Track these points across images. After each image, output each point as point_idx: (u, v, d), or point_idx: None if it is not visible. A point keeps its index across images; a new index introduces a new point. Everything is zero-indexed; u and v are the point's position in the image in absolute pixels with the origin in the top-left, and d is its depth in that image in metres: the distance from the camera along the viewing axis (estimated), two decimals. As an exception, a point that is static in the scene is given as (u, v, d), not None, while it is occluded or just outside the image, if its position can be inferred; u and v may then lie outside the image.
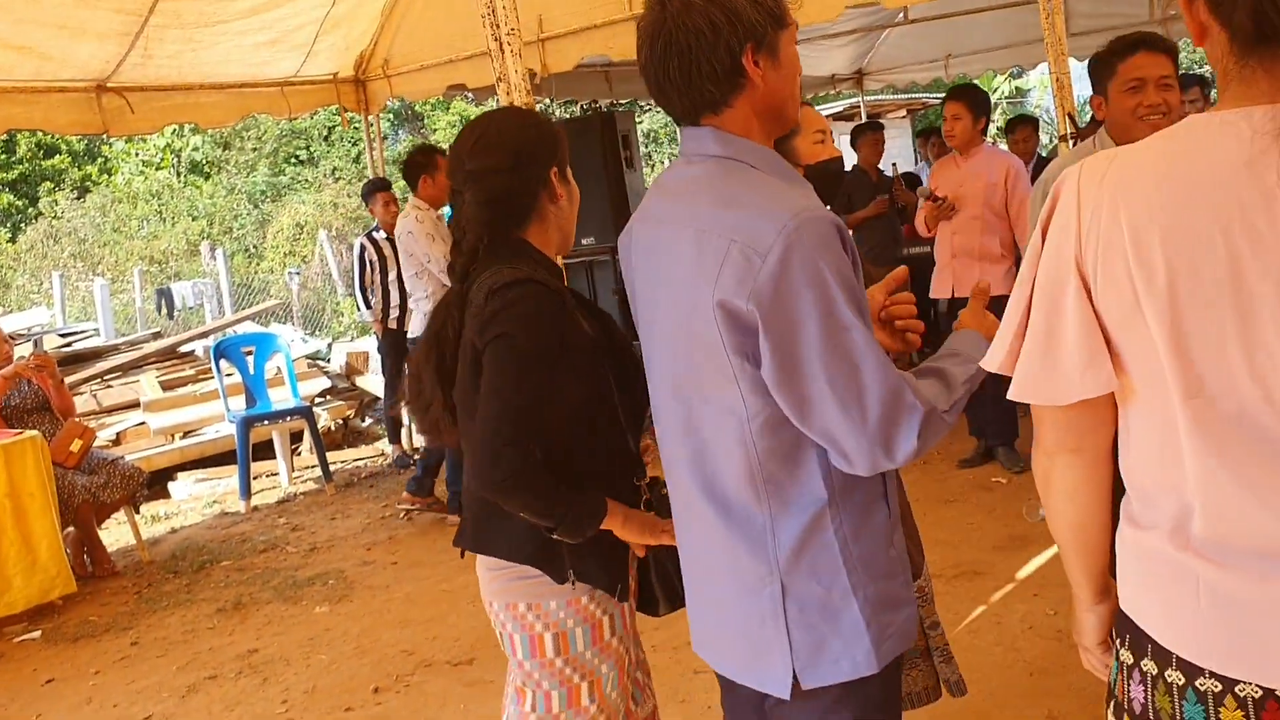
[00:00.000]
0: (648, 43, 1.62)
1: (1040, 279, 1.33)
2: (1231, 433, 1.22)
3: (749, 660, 1.72)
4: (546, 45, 6.62)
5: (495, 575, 2.10)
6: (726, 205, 1.59)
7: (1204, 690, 1.27)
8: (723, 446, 1.66)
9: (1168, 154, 1.24)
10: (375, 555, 5.79)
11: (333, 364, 9.93)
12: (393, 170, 9.27)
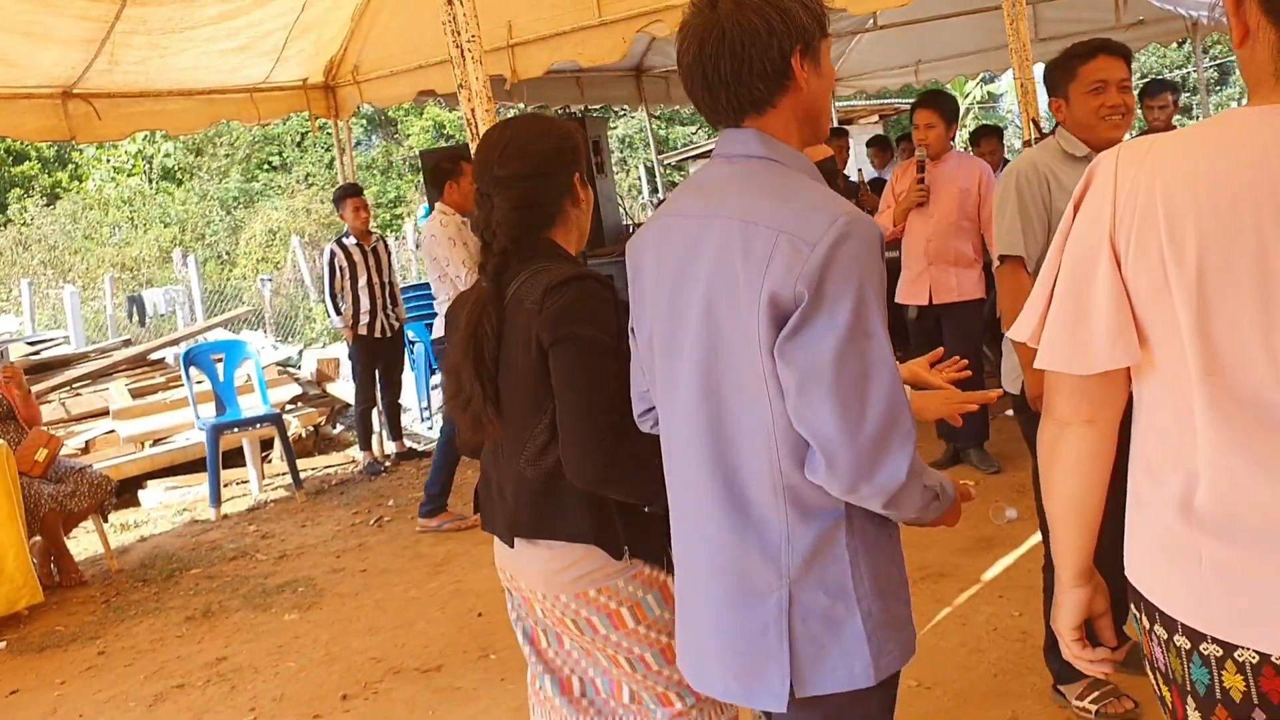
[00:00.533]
0: (697, 42, 1.65)
1: (1071, 253, 1.38)
2: (1244, 411, 1.28)
3: (740, 674, 1.70)
4: (516, 51, 6.63)
5: (558, 570, 2.12)
6: (776, 200, 1.61)
7: (1207, 655, 1.35)
8: (747, 449, 1.65)
9: (1207, 142, 1.31)
10: (345, 562, 5.77)
11: (304, 371, 9.89)
12: (364, 176, 9.24)
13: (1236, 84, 33.86)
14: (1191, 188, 1.28)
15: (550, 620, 2.22)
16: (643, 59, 9.90)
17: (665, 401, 1.80)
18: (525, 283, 2.06)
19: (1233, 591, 1.32)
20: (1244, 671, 1.33)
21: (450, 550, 5.73)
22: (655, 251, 1.79)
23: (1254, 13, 1.29)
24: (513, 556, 2.20)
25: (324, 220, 18.76)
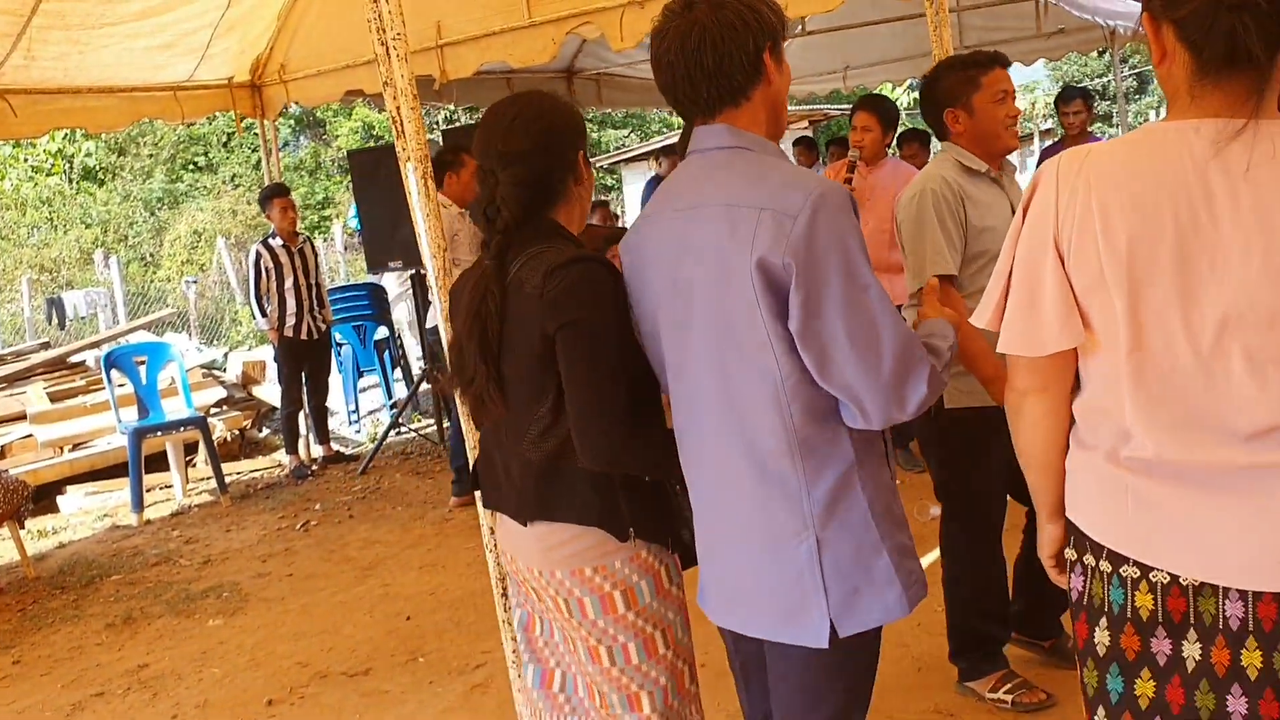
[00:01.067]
0: (679, 39, 1.79)
1: (1021, 251, 1.61)
2: (1164, 377, 1.53)
3: (782, 617, 1.84)
4: (445, 51, 6.59)
5: (556, 546, 2.14)
6: (753, 181, 1.78)
7: (1125, 576, 1.60)
8: (760, 412, 1.80)
9: (1133, 152, 1.54)
10: (271, 567, 5.69)
11: (229, 374, 9.74)
12: (291, 177, 9.12)
13: (1154, 93, 34.72)
14: (1121, 192, 1.50)
15: (545, 603, 2.22)
16: (573, 61, 9.89)
17: (677, 381, 1.94)
18: (525, 265, 2.06)
19: (1152, 523, 1.56)
20: (1154, 591, 1.57)
21: (378, 554, 5.68)
22: (648, 250, 1.95)
23: (1170, 37, 1.51)
24: (512, 536, 2.22)
25: (250, 222, 18.47)
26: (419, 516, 6.32)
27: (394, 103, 2.68)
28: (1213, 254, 1.47)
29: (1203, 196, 1.47)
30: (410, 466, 7.56)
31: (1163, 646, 1.58)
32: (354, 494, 7.02)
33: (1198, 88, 1.51)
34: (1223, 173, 1.47)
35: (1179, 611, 1.56)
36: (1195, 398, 1.52)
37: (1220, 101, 1.49)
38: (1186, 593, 1.55)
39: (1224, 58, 1.47)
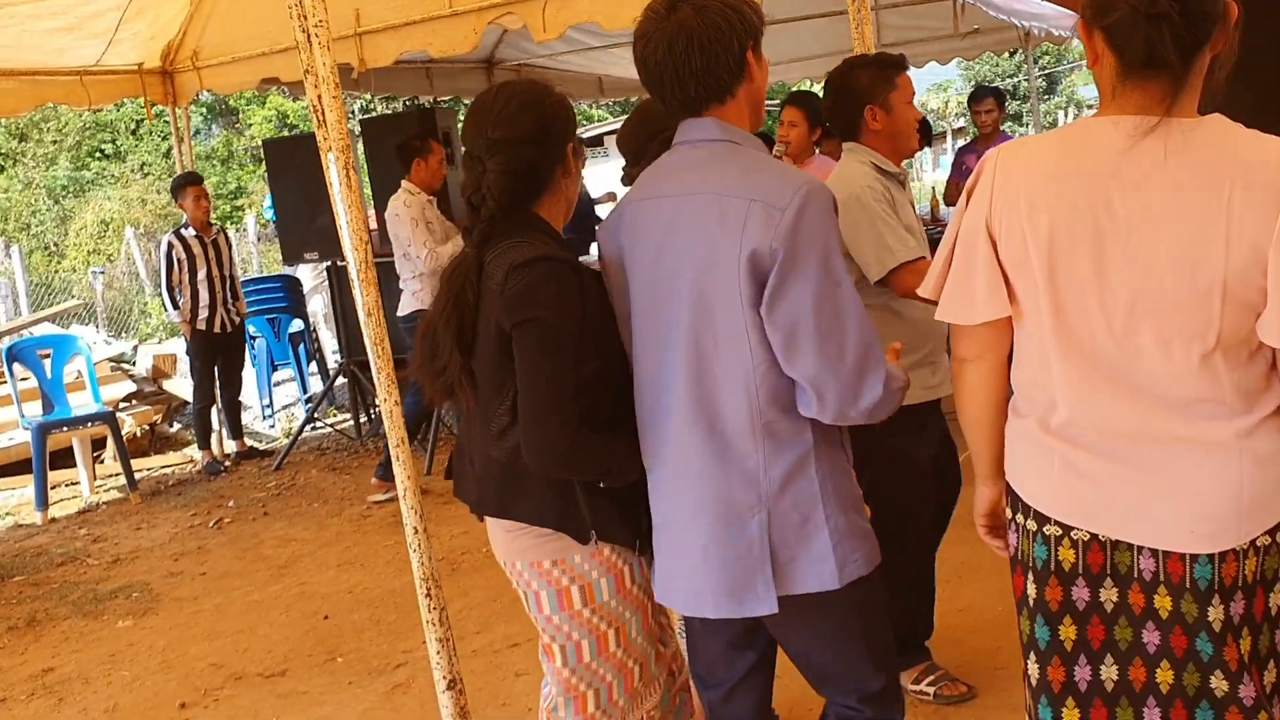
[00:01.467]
0: (666, 42, 1.87)
1: (961, 232, 1.79)
2: (1084, 352, 1.68)
3: (731, 590, 1.94)
4: (364, 39, 6.47)
5: (517, 536, 2.16)
6: (744, 173, 1.88)
7: (1049, 535, 1.77)
8: (728, 394, 1.91)
9: (1062, 145, 1.72)
10: (183, 566, 5.55)
11: (139, 367, 9.49)
12: (203, 166, 8.91)
13: (1063, 93, 35.53)
14: (1047, 181, 1.68)
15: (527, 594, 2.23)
16: (494, 51, 9.80)
17: (647, 362, 2.01)
18: (495, 259, 2.05)
19: (1075, 486, 1.73)
20: (1076, 548, 1.75)
21: (294, 552, 5.57)
22: (631, 232, 2.02)
23: (1100, 42, 1.66)
24: (488, 524, 2.25)
25: (161, 211, 18.01)
26: (336, 513, 6.21)
27: (315, 91, 2.62)
28: (1125, 239, 1.62)
29: (1118, 186, 1.62)
30: (326, 462, 7.43)
31: (1082, 594, 1.76)
32: (269, 490, 6.88)
33: (1120, 87, 1.66)
34: (1136, 165, 1.61)
35: (1097, 564, 1.74)
36: (1111, 372, 1.68)
37: (1140, 100, 1.64)
38: (1105, 548, 1.74)
39: (1142, 61, 1.62)
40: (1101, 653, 1.77)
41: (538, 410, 1.98)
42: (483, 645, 4.10)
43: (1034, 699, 1.84)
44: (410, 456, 2.83)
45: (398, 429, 2.78)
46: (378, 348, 2.76)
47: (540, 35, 5.91)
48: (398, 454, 2.79)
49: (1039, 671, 1.82)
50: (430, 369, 2.12)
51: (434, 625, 2.82)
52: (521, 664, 3.87)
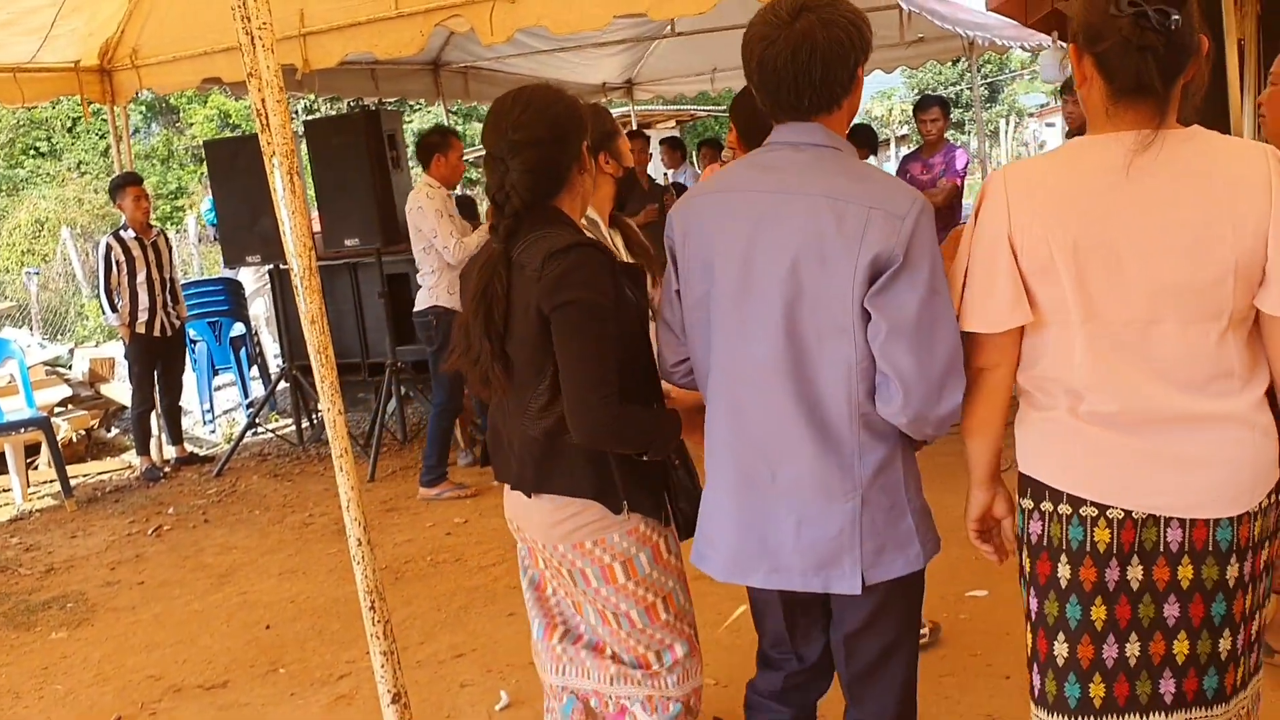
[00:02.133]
0: (790, 49, 1.94)
1: (976, 249, 1.92)
2: (1112, 343, 1.85)
3: (819, 567, 2.07)
4: (308, 40, 6.40)
5: (559, 521, 2.28)
6: (855, 180, 1.98)
7: (1085, 516, 1.90)
8: (831, 386, 2.01)
9: (1068, 164, 1.90)
10: (120, 575, 5.44)
11: (75, 371, 9.29)
12: (142, 165, 8.75)
13: (1005, 101, 36.02)
14: (1062, 195, 1.85)
15: (550, 569, 2.40)
16: (440, 53, 9.74)
17: (733, 347, 2.09)
18: (527, 248, 2.17)
19: (1107, 466, 1.87)
20: (1111, 526, 1.88)
21: (235, 560, 5.48)
22: (717, 220, 2.08)
23: (1089, 66, 1.84)
24: (520, 506, 2.36)
25: (98, 211, 17.66)
26: (278, 520, 6.12)
27: (259, 94, 2.56)
28: (1138, 238, 1.80)
29: (1127, 194, 1.81)
30: (268, 468, 7.32)
31: (1113, 574, 1.89)
32: (209, 497, 6.77)
33: (1113, 109, 1.85)
34: (1140, 173, 1.81)
35: (1129, 542, 1.88)
36: (1138, 359, 1.84)
37: (1132, 119, 1.83)
38: (1136, 525, 1.88)
39: (1132, 88, 1.81)
40: (1127, 631, 1.90)
41: (584, 386, 2.11)
42: (427, 656, 4.05)
43: (1059, 677, 1.96)
44: (354, 465, 2.79)
45: (341, 438, 2.73)
46: (321, 355, 2.71)
47: (488, 39, 5.88)
48: (340, 464, 2.74)
49: (1068, 650, 1.94)
50: (468, 359, 2.24)
51: (378, 639, 2.78)
52: (467, 674, 3.84)
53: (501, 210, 2.20)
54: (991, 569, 4.19)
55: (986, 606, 3.94)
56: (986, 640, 3.67)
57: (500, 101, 2.27)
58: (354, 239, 6.88)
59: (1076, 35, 1.87)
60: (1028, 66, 30.22)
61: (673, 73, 11.89)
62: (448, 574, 4.92)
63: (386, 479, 6.70)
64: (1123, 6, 1.78)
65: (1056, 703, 1.98)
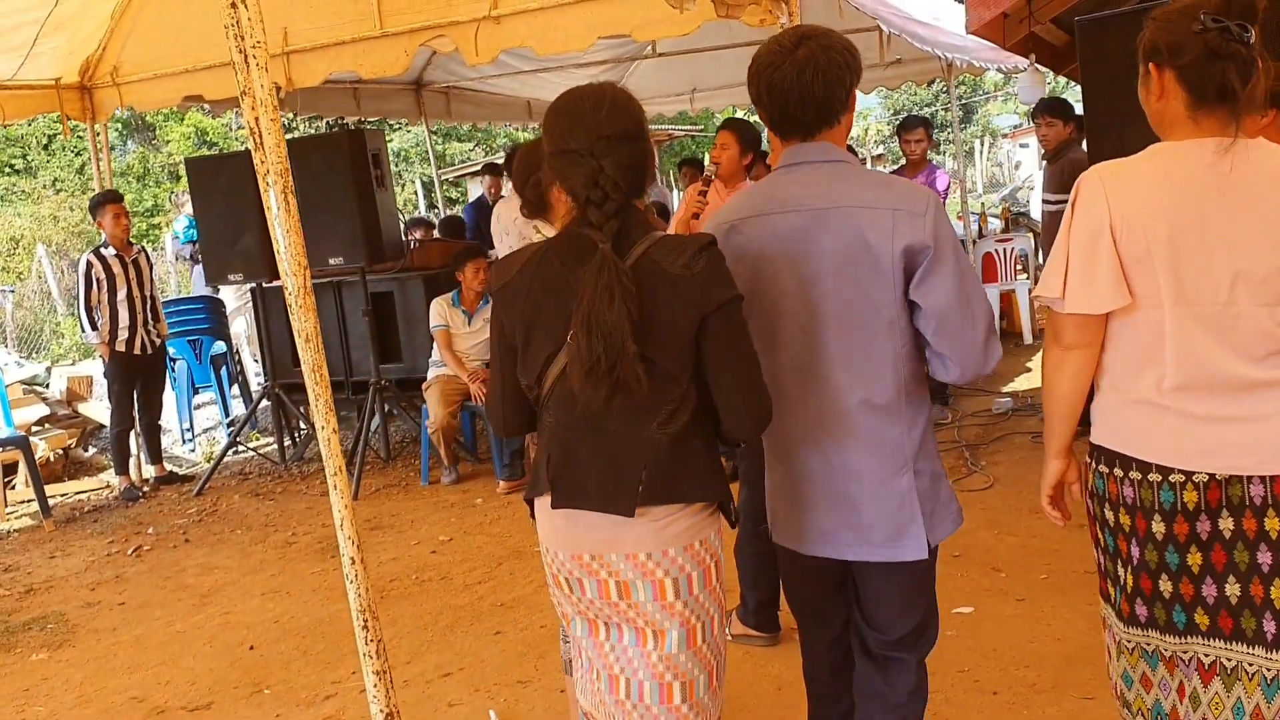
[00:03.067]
0: (795, 70, 2.20)
1: (1076, 239, 2.14)
2: (1199, 324, 2.09)
3: (886, 539, 2.32)
4: (291, 59, 6.39)
5: (670, 523, 2.14)
6: (875, 188, 2.27)
7: (1174, 482, 2.14)
8: (880, 371, 2.27)
9: (1157, 164, 2.13)
10: (101, 595, 5.39)
11: (52, 389, 9.22)
12: (119, 183, 8.71)
13: (979, 122, 36.32)
14: (1156, 192, 2.10)
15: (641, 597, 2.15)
16: (422, 73, 9.76)
17: (788, 350, 2.31)
18: (655, 248, 2.09)
19: (1190, 435, 2.12)
20: (1197, 489, 2.13)
21: (217, 580, 5.44)
22: (761, 240, 2.31)
23: (1170, 80, 2.11)
24: (596, 529, 2.14)
25: (74, 229, 17.55)
26: (260, 540, 6.09)
27: (253, 113, 2.57)
28: (1224, 230, 2.05)
29: (1214, 191, 2.07)
30: (249, 487, 7.28)
31: (1204, 526, 2.14)
32: (190, 517, 6.72)
33: (1197, 115, 2.10)
34: (1225, 174, 2.07)
35: (1215, 500, 2.13)
36: (1219, 337, 2.09)
37: (1215, 124, 2.10)
38: (1221, 485, 2.12)
39: (1216, 95, 2.07)
40: (1224, 573, 2.15)
41: (756, 379, 2.15)
42: (414, 675, 4.04)
43: (1166, 607, 2.21)
44: (347, 484, 2.79)
45: (335, 456, 2.74)
46: (315, 374, 2.71)
47: (473, 59, 5.90)
48: (334, 482, 2.74)
49: (1173, 586, 2.19)
50: (596, 367, 2.03)
51: (370, 657, 2.77)
52: (454, 694, 3.82)
53: (599, 208, 2.08)
54: (976, 588, 4.24)
55: (972, 622, 3.96)
56: (973, 657, 3.69)
57: (572, 100, 2.16)
58: (338, 258, 6.87)
59: (1156, 53, 2.14)
60: (1001, 88, 30.52)
61: (653, 93, 11.95)
62: (433, 593, 4.90)
63: (370, 497, 6.67)
64: (1207, 23, 2.04)
65: (1168, 625, 2.22)
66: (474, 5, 5.75)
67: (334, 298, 7.63)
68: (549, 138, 2.17)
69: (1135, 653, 2.29)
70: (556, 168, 2.16)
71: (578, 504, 2.16)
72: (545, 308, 2.13)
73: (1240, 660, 2.17)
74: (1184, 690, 2.23)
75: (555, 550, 2.21)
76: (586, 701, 2.31)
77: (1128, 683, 2.33)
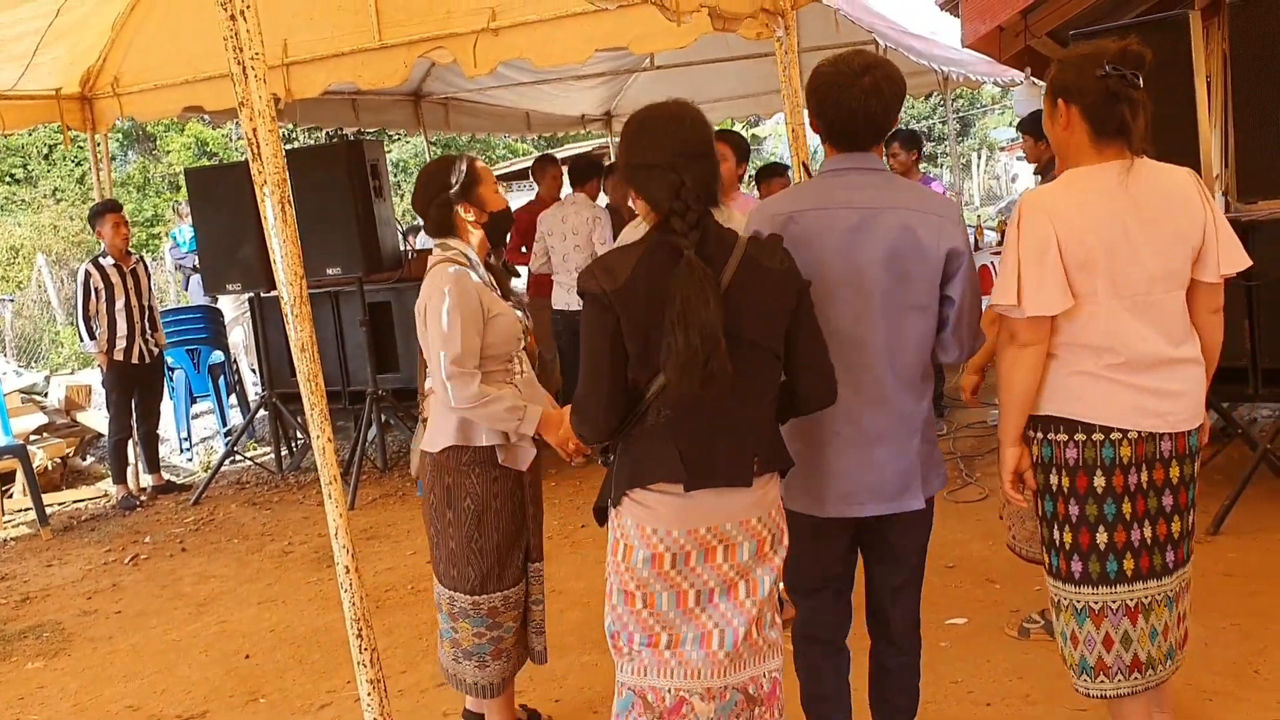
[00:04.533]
0: (863, 95, 2.52)
1: (1027, 251, 2.52)
2: (1132, 313, 2.54)
3: (896, 494, 2.66)
4: (291, 70, 6.42)
5: (770, 491, 2.49)
6: (917, 196, 2.65)
7: (1114, 440, 2.58)
8: (912, 346, 2.62)
9: (1084, 188, 2.55)
10: (97, 604, 5.40)
11: (50, 398, 9.23)
12: (119, 192, 8.74)
13: (976, 135, 36.36)
14: (1087, 210, 2.53)
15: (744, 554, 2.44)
16: (421, 84, 9.79)
17: (833, 326, 2.53)
18: (752, 248, 2.37)
19: (1130, 403, 2.56)
20: (1130, 444, 2.58)
21: (214, 589, 5.45)
22: (819, 231, 2.58)
23: (1075, 113, 2.55)
24: (725, 501, 2.40)
25: (74, 238, 17.57)
26: (256, 549, 6.10)
27: (250, 125, 2.60)
28: (1143, 235, 2.51)
29: (1130, 205, 2.52)
30: (246, 496, 7.29)
31: (1133, 479, 2.60)
32: (186, 526, 6.73)
33: (1099, 144, 2.55)
34: (1132, 190, 2.52)
35: (1141, 454, 2.59)
36: (1147, 321, 2.55)
37: (1113, 152, 2.55)
38: (1145, 441, 2.58)
39: (1115, 129, 2.52)
40: (1143, 519, 2.62)
41: (826, 351, 2.47)
42: (409, 685, 4.05)
43: (1100, 559, 2.63)
44: (342, 494, 2.80)
45: (330, 465, 2.75)
46: (311, 383, 2.73)
47: (471, 70, 5.93)
48: (329, 492, 2.76)
49: (1107, 537, 2.62)
50: (696, 360, 2.20)
51: (365, 666, 2.79)
52: (449, 704, 3.83)
53: (682, 218, 2.28)
54: (969, 598, 4.25)
55: (966, 634, 3.97)
56: (967, 667, 3.70)
57: (653, 118, 2.39)
58: (335, 268, 6.89)
59: (1065, 91, 2.57)
60: (998, 101, 30.56)
61: (651, 104, 11.98)
62: (429, 603, 4.88)
63: (367, 507, 6.68)
64: (1109, 71, 2.48)
65: (1100, 578, 2.64)
66: (472, 17, 5.79)
67: (331, 307, 7.65)
68: (629, 151, 2.40)
69: (1068, 610, 2.71)
70: (636, 179, 2.39)
71: (711, 483, 2.38)
72: (659, 310, 2.25)
73: (1152, 594, 2.65)
74: (1110, 641, 2.65)
75: (668, 529, 2.38)
76: (664, 675, 2.46)
77: (1063, 639, 2.74)
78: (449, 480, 3.14)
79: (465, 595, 3.19)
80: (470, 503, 3.14)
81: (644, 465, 2.39)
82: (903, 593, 2.86)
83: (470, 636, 3.22)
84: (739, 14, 4.67)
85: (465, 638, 3.23)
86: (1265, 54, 4.55)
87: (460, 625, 3.22)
